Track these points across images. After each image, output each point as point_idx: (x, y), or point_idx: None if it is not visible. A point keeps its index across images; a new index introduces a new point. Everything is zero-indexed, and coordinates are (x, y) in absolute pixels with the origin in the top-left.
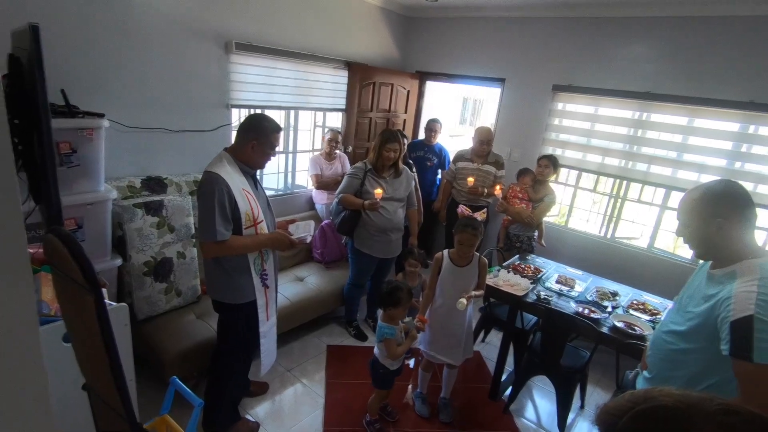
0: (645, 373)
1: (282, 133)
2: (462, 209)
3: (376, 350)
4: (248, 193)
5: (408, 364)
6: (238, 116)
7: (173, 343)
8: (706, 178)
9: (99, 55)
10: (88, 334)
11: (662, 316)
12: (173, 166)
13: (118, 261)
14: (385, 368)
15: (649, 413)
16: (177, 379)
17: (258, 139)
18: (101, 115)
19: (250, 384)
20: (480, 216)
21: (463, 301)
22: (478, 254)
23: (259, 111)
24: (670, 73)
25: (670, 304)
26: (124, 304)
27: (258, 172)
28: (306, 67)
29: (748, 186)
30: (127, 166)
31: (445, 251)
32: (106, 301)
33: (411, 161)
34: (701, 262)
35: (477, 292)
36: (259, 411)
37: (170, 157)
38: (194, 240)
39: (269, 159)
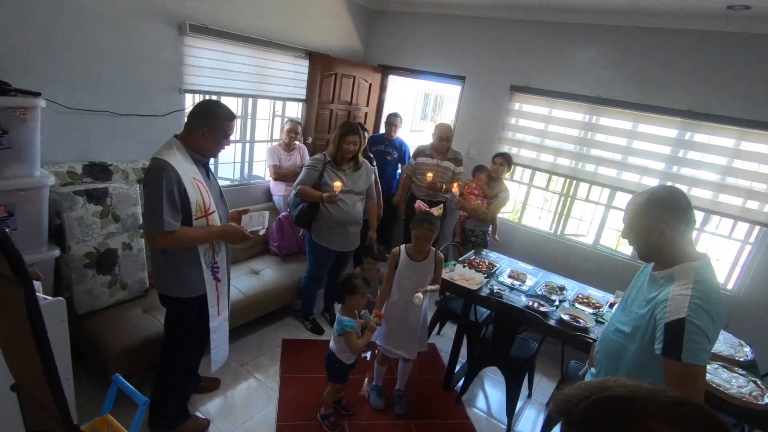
0: (592, 370)
1: (236, 122)
2: (419, 204)
3: (332, 344)
4: (199, 183)
5: (364, 357)
6: (192, 102)
7: (117, 338)
8: (648, 181)
9: (35, 28)
10: (17, 330)
11: (605, 310)
12: (120, 152)
13: (56, 252)
14: (341, 362)
15: (603, 402)
16: (120, 377)
17: (209, 126)
18: (37, 94)
19: (200, 380)
20: (436, 211)
21: (420, 295)
22: (434, 249)
23: (214, 97)
24: (619, 79)
25: (611, 297)
26: (61, 298)
27: (211, 160)
28: (265, 54)
29: (683, 189)
30: (67, 150)
31: (402, 246)
32: (40, 295)
33: (371, 155)
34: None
35: (433, 287)
36: (210, 407)
37: (116, 142)
38: (142, 230)
39: (222, 148)
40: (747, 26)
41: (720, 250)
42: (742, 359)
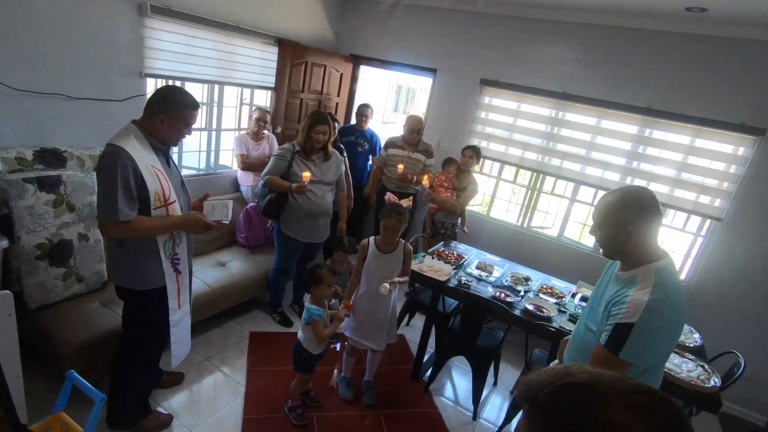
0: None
1: (199, 111)
2: (389, 196)
3: (300, 334)
4: (158, 171)
5: (334, 348)
6: (154, 87)
7: (72, 333)
8: (609, 175)
9: None
10: None
11: (567, 300)
12: (75, 137)
13: (3, 243)
14: (308, 352)
15: (567, 388)
16: (75, 373)
17: (169, 113)
18: None
19: (162, 374)
20: (405, 203)
21: (386, 285)
22: (403, 241)
23: (177, 83)
24: (584, 75)
25: (573, 288)
26: (7, 291)
27: (173, 148)
28: (232, 39)
29: (641, 184)
30: (16, 135)
31: (371, 238)
32: None
33: (342, 146)
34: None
35: (401, 279)
36: (173, 402)
37: (71, 127)
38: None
39: (183, 137)
40: (704, 28)
41: (674, 243)
42: (691, 345)
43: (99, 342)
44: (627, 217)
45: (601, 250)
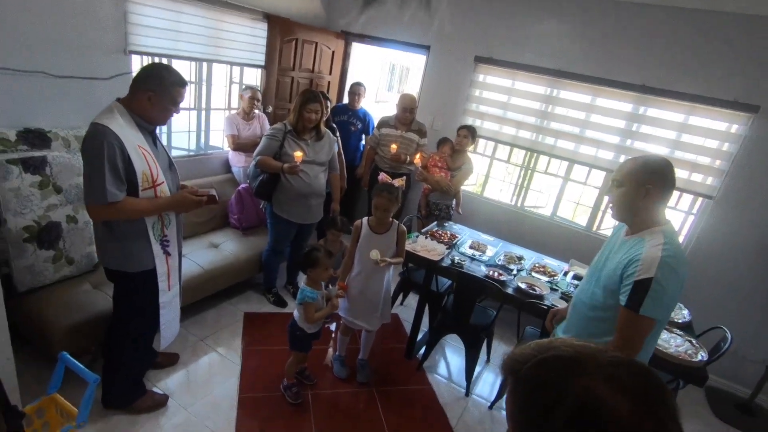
0: (560, 334)
1: (186, 89)
2: (383, 177)
3: (295, 313)
4: (145, 151)
5: (329, 328)
6: (140, 64)
7: (63, 316)
8: (603, 154)
9: None
10: None
11: (559, 278)
12: (59, 117)
13: None
14: (303, 331)
15: (550, 361)
16: (67, 355)
17: (156, 91)
18: None
19: (156, 355)
20: (398, 182)
21: (376, 251)
22: (396, 222)
23: (164, 61)
24: (578, 52)
25: (566, 266)
26: None
27: (160, 129)
28: (219, 15)
29: None
30: None
31: (365, 219)
32: None
33: (334, 125)
34: (616, 225)
35: (394, 260)
36: (168, 383)
37: (54, 107)
38: None
39: (170, 115)
40: (698, 2)
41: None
42: (680, 320)
43: (91, 324)
44: (649, 177)
45: (613, 214)
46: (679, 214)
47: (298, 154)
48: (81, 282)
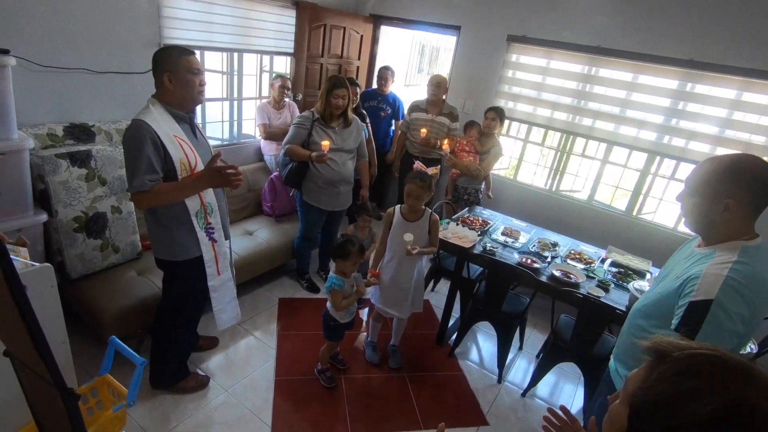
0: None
1: (195, 56)
2: (418, 164)
3: (328, 303)
4: (182, 141)
5: (359, 313)
6: None
7: (111, 301)
8: (645, 134)
9: None
10: (1, 299)
11: (596, 265)
12: (101, 112)
13: (43, 216)
14: (336, 321)
15: (710, 358)
16: (116, 339)
17: (168, 68)
18: (5, 51)
19: (198, 339)
20: (432, 171)
21: (410, 234)
22: (429, 210)
23: (197, 52)
24: (620, 27)
25: (603, 252)
26: (48, 264)
27: (198, 118)
28: (249, 4)
29: (680, 142)
30: (45, 111)
31: (397, 207)
32: (27, 261)
33: (364, 111)
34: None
35: (426, 249)
36: (209, 365)
37: (97, 101)
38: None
39: (199, 89)
40: None
41: None
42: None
43: (137, 309)
44: (730, 188)
45: (687, 225)
46: None
47: (325, 143)
48: (127, 269)
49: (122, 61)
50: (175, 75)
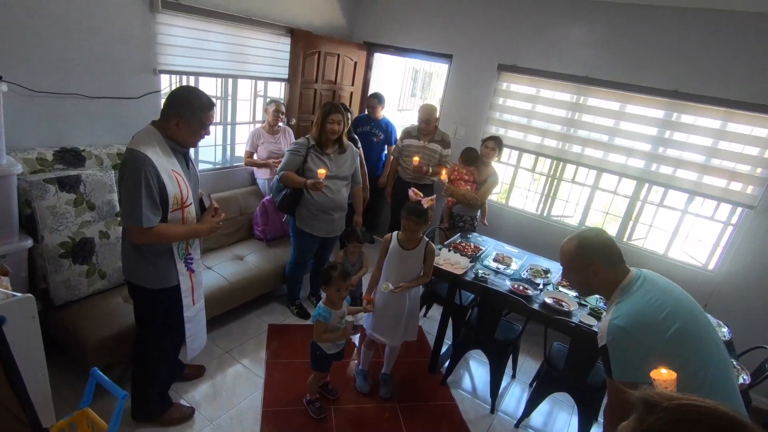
0: None
1: (214, 111)
2: (413, 192)
3: None
4: (178, 175)
5: (351, 339)
6: (168, 83)
7: (96, 328)
8: (633, 162)
9: None
10: None
11: None
12: (93, 136)
13: (28, 242)
14: (322, 351)
15: (697, 408)
16: (98, 371)
17: (183, 116)
18: None
19: (183, 368)
20: (428, 203)
21: (387, 283)
22: (426, 239)
23: (191, 78)
24: (607, 58)
25: None
26: (29, 295)
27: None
28: (243, 31)
29: (667, 170)
30: (35, 136)
31: (394, 233)
32: (8, 291)
33: (356, 136)
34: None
35: (412, 284)
36: (194, 395)
37: (89, 126)
38: (119, 218)
39: (201, 137)
40: (735, 4)
41: (702, 231)
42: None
43: (123, 336)
44: (588, 258)
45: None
46: (717, 225)
47: (322, 172)
48: (113, 295)
49: (116, 86)
50: (186, 123)
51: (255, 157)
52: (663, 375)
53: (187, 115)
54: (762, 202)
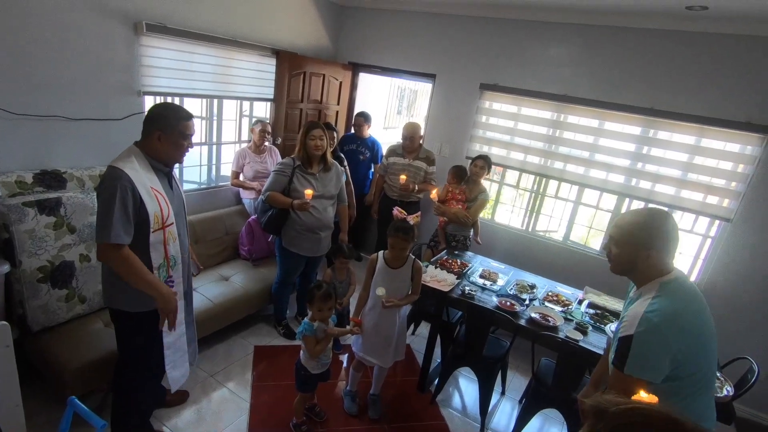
0: None
1: (193, 121)
2: (397, 211)
3: (301, 352)
4: (158, 193)
5: (339, 357)
6: (153, 103)
7: (75, 355)
8: (613, 177)
9: None
10: None
11: (573, 307)
12: (75, 158)
13: (5, 267)
14: (306, 371)
15: (641, 411)
16: (75, 400)
17: (163, 129)
18: None
19: (165, 394)
20: (413, 219)
21: (382, 288)
22: (413, 257)
23: (176, 99)
24: (584, 77)
25: (580, 294)
26: (4, 323)
27: (176, 167)
28: (229, 53)
29: (646, 185)
30: (15, 158)
31: (380, 252)
32: None
33: (342, 155)
34: (631, 286)
35: (402, 301)
36: (177, 422)
37: (71, 148)
38: None
39: (185, 150)
40: (705, 26)
41: (682, 245)
42: None
43: (103, 362)
44: (649, 242)
45: (611, 268)
46: (696, 238)
47: (309, 192)
48: (93, 320)
49: (99, 108)
50: (167, 136)
51: (241, 177)
52: (643, 399)
53: (167, 128)
54: (738, 215)
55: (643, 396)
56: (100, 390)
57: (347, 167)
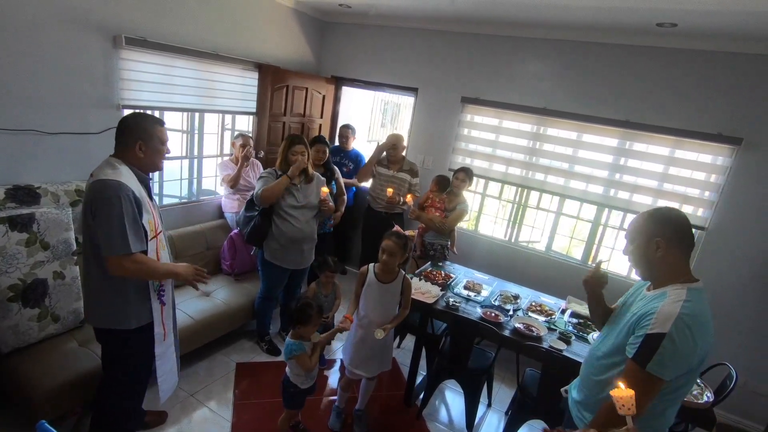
0: (573, 393)
1: (165, 127)
2: (397, 228)
3: (287, 369)
4: (148, 201)
5: (325, 375)
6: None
7: (47, 377)
8: (593, 188)
9: None
10: None
11: (557, 317)
12: (50, 173)
13: None
14: (296, 387)
15: None
16: (46, 424)
17: (144, 139)
18: None
19: (144, 415)
20: (410, 233)
21: (381, 331)
22: (403, 272)
23: (156, 113)
24: (562, 91)
25: (563, 303)
26: None
27: (152, 179)
28: (210, 67)
29: (625, 195)
30: None
31: (371, 265)
32: None
33: (335, 167)
34: (639, 281)
35: (395, 322)
36: None
37: (45, 163)
38: (75, 258)
39: (164, 157)
40: (676, 42)
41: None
42: None
43: (76, 384)
44: (656, 230)
45: (639, 274)
46: None
47: (325, 190)
48: (67, 339)
49: (77, 121)
50: (147, 144)
51: (223, 189)
52: (622, 392)
53: (146, 136)
54: (712, 224)
55: (621, 387)
56: (73, 413)
57: (340, 178)
